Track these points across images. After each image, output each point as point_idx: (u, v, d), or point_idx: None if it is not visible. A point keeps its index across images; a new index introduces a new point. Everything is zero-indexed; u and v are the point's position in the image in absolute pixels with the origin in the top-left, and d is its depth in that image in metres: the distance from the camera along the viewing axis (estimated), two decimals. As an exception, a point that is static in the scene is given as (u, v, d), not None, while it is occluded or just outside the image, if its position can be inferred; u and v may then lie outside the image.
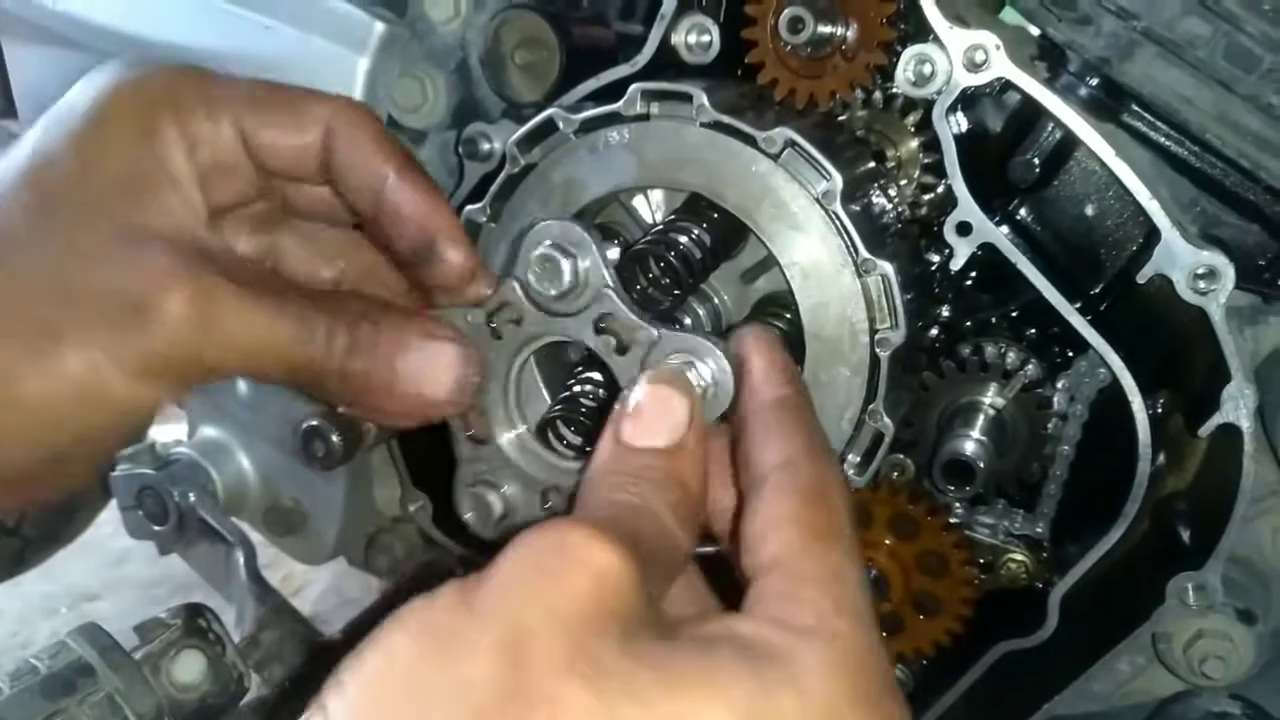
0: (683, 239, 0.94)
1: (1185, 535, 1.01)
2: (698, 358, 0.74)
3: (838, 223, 0.89)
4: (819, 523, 0.63)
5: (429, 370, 0.78)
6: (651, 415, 0.67)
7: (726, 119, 0.90)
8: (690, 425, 0.67)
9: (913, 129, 1.04)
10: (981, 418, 1.03)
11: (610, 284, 0.77)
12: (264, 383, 0.82)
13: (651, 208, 1.04)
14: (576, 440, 0.91)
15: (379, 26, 1.09)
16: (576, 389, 0.95)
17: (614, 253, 0.86)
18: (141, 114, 0.73)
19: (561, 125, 0.96)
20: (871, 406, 0.91)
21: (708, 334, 0.76)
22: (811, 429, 0.69)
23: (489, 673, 0.49)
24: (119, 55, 1.20)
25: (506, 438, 0.87)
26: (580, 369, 0.95)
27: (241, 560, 1.54)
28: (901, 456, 1.08)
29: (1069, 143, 0.95)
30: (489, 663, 0.50)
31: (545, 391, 0.95)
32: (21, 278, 0.69)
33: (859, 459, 0.93)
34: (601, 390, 0.93)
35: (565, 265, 0.77)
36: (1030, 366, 1.05)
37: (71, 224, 0.70)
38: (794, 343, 0.94)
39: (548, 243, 0.77)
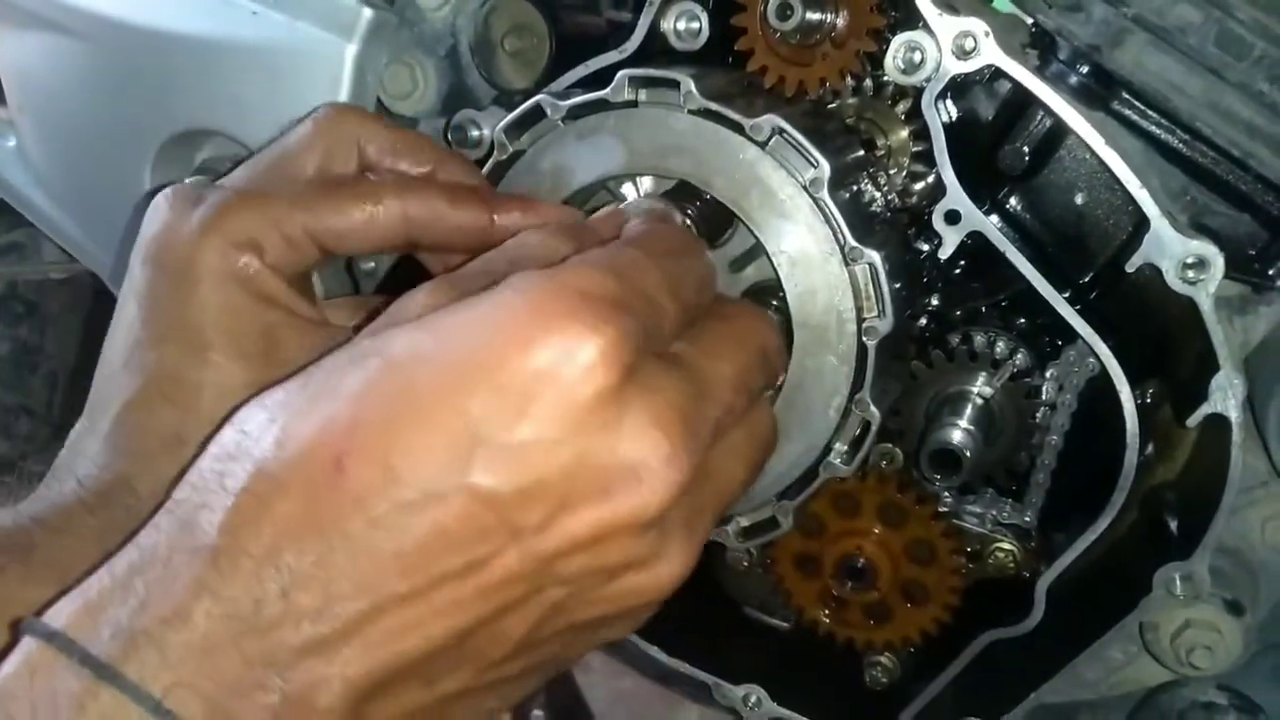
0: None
1: (1173, 525, 1.01)
2: None
3: (825, 211, 0.89)
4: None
5: None
6: None
7: (714, 106, 0.89)
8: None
9: (903, 117, 1.03)
10: (970, 407, 1.03)
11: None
12: None
13: (640, 195, 1.04)
14: None
15: (367, 12, 1.08)
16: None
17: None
18: (227, 262, 0.78)
19: (549, 112, 0.95)
20: (858, 395, 0.91)
21: None
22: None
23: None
24: (103, 41, 1.20)
25: None
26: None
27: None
28: (890, 445, 1.08)
29: (1059, 131, 0.95)
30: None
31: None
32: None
33: (846, 447, 0.93)
34: None
35: None
36: (1019, 356, 1.05)
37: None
38: (783, 331, 0.94)
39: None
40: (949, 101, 0.98)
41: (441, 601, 0.58)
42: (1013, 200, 1.02)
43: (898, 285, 0.90)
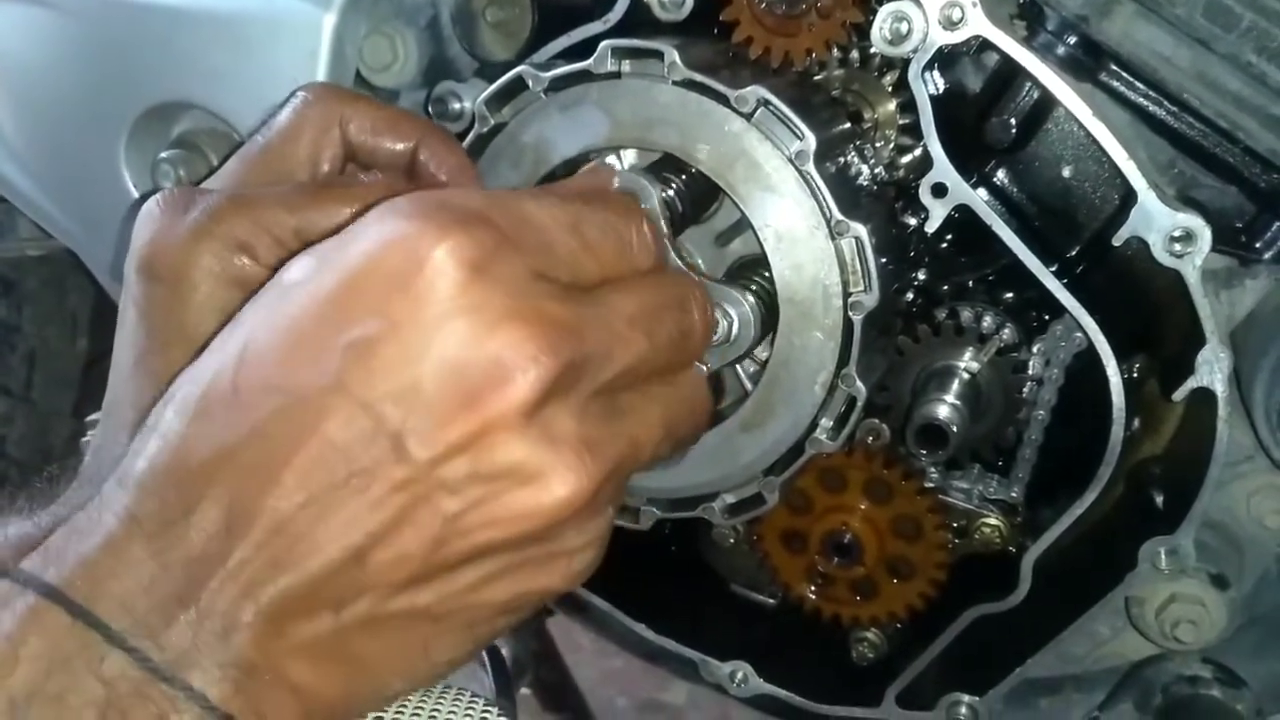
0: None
1: (1159, 500, 1.01)
2: (728, 305, 0.83)
3: (811, 184, 0.88)
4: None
5: None
6: None
7: (698, 77, 0.88)
8: None
9: (890, 89, 1.02)
10: (956, 382, 1.03)
11: (665, 232, 0.81)
12: None
13: (624, 168, 1.02)
14: None
15: (345, -18, 1.07)
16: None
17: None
18: (221, 266, 0.79)
19: (531, 83, 0.94)
20: (844, 370, 0.90)
21: (736, 284, 0.85)
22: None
23: None
24: (77, 11, 1.17)
25: None
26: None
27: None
28: (876, 421, 1.07)
29: (1046, 103, 0.94)
30: None
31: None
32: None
33: (832, 423, 0.92)
34: None
35: None
36: (1006, 330, 1.05)
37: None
38: (770, 306, 0.93)
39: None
40: (936, 73, 0.97)
41: (337, 517, 0.60)
42: (1000, 173, 1.01)
43: (884, 260, 0.90)
